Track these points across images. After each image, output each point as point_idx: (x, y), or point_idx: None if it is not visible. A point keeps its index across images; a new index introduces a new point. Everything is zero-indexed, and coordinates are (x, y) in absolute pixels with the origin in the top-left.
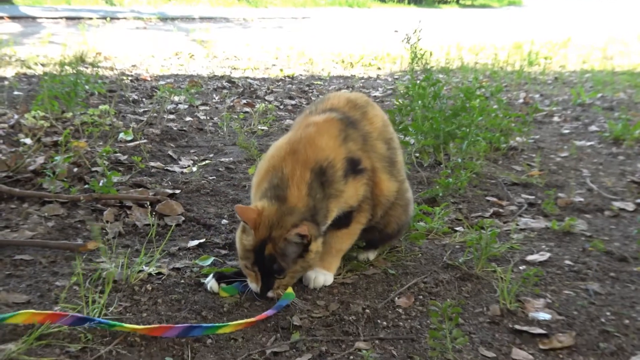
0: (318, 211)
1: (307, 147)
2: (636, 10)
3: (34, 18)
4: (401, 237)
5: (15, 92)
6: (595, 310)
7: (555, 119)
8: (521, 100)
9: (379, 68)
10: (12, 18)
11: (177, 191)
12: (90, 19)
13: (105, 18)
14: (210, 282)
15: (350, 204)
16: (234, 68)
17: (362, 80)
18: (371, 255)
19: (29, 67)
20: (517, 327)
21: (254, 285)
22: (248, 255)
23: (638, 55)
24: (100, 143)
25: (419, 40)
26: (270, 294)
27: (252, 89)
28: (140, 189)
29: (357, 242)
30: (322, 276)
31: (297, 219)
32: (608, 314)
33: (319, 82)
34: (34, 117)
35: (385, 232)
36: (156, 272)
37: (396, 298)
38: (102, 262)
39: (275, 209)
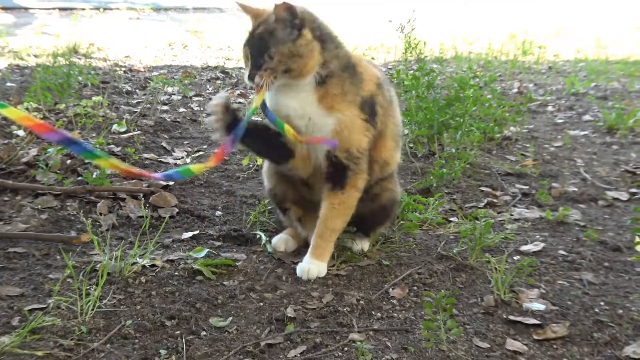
0: (325, 45)
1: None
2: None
3: (26, 9)
4: (392, 223)
5: (8, 84)
6: (589, 300)
7: (549, 108)
8: (515, 90)
9: (372, 58)
10: (5, 9)
11: (171, 183)
12: (83, 9)
13: (98, 9)
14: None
15: (343, 144)
16: (228, 58)
17: None
18: (365, 245)
19: (22, 59)
20: (511, 317)
21: (246, 73)
22: (245, 39)
23: (632, 45)
24: (94, 134)
25: (412, 29)
26: (257, 78)
27: None
28: (134, 181)
29: (348, 227)
30: (316, 267)
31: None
32: (602, 304)
33: None
34: (27, 108)
35: (380, 202)
36: (150, 264)
37: (390, 289)
38: (96, 254)
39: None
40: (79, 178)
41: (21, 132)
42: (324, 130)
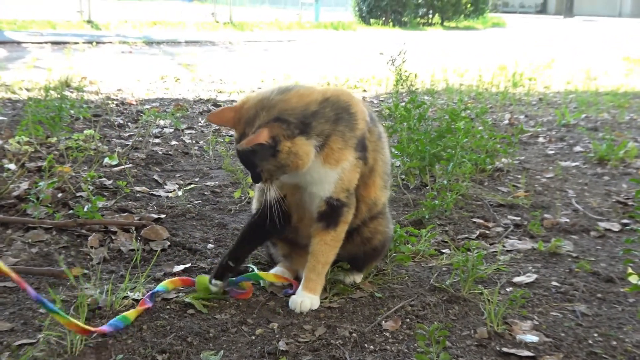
0: (311, 126)
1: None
2: (618, 32)
3: (19, 43)
4: (384, 256)
5: (0, 118)
6: (583, 331)
7: (540, 139)
8: (506, 122)
9: (364, 90)
10: None
11: (163, 216)
12: (76, 43)
13: (91, 42)
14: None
15: (345, 186)
16: (220, 91)
17: None
18: (357, 278)
19: (14, 92)
20: (505, 349)
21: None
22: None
23: (621, 76)
24: (85, 168)
25: (404, 62)
26: (260, 184)
27: None
28: (125, 214)
29: (341, 263)
30: (309, 300)
31: (266, 119)
32: (595, 335)
33: None
34: (18, 142)
35: (372, 244)
36: (141, 298)
37: (383, 321)
38: (86, 288)
39: (255, 102)
40: (70, 211)
41: (12, 166)
42: (328, 182)
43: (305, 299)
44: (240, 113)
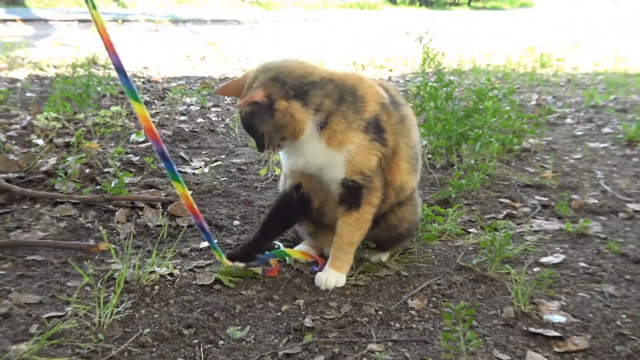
0: (308, 94)
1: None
2: None
3: (46, 20)
4: (411, 239)
5: (28, 94)
6: (611, 312)
7: (568, 120)
8: (534, 102)
9: (390, 70)
10: (25, 21)
11: (189, 192)
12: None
13: (117, 20)
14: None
15: (356, 168)
16: (245, 70)
17: None
18: (383, 257)
19: (42, 69)
20: (532, 329)
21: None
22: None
23: None
24: (112, 144)
25: (431, 40)
26: (264, 152)
27: None
28: (152, 190)
29: (367, 242)
30: (334, 277)
31: (263, 80)
32: (624, 316)
33: None
34: (46, 118)
35: (398, 230)
36: (168, 272)
37: (409, 300)
38: (114, 262)
39: (257, 68)
40: (98, 187)
41: (40, 141)
42: (337, 165)
43: (331, 276)
44: (244, 82)
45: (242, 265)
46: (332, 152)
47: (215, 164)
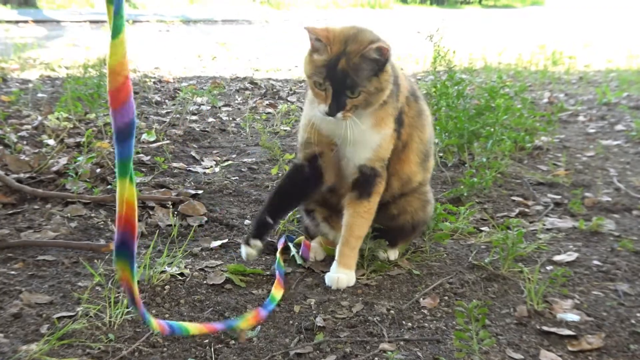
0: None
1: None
2: None
3: (58, 22)
4: (419, 236)
5: (39, 94)
6: (625, 311)
7: (581, 118)
8: (546, 100)
9: (401, 69)
10: (37, 22)
11: (200, 192)
12: None
13: (128, 21)
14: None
15: (381, 155)
16: (256, 69)
17: None
18: (392, 254)
19: (53, 70)
20: (545, 328)
21: (322, 106)
22: (320, 70)
23: None
24: None
25: (441, 38)
26: (339, 114)
27: (274, 90)
28: (163, 190)
29: (379, 240)
30: (345, 276)
31: (374, 37)
32: (638, 315)
33: None
34: (57, 118)
35: (397, 222)
36: (179, 272)
37: (421, 299)
38: None
39: (350, 28)
40: (109, 187)
41: (51, 142)
42: (368, 147)
43: (342, 276)
44: (334, 33)
45: (260, 245)
46: (373, 132)
47: (226, 163)
